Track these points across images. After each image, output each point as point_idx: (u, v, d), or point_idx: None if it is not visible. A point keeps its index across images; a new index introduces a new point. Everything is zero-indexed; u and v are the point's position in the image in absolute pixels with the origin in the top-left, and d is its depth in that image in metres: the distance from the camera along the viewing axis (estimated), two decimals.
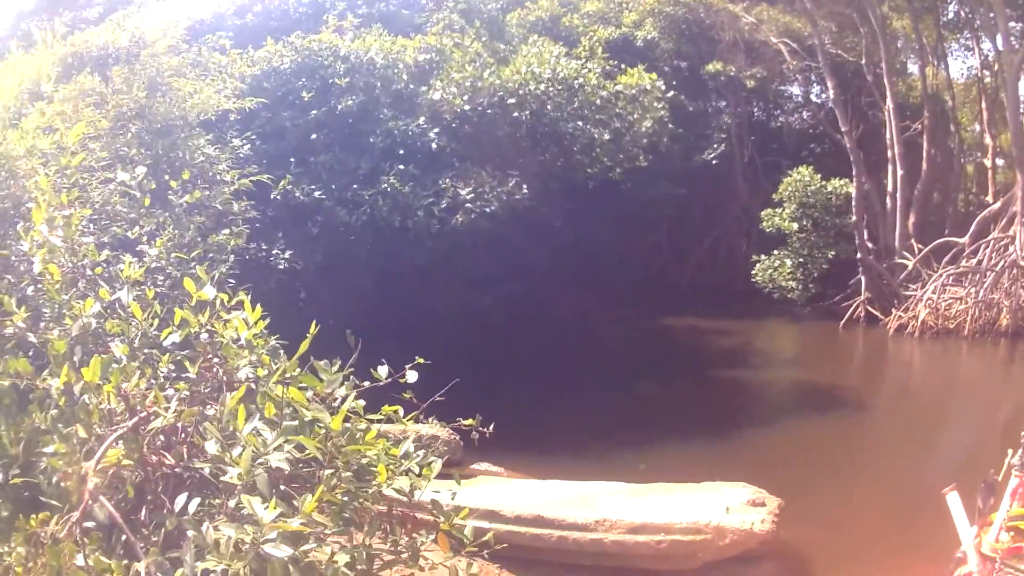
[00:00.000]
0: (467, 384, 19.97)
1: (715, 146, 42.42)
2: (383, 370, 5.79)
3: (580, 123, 23.21)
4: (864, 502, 14.01)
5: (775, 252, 35.55)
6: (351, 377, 5.52)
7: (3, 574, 5.02)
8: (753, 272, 36.03)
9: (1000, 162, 43.09)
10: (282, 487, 4.82)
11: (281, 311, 17.02)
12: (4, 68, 12.28)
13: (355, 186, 21.17)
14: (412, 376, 5.97)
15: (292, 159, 21.44)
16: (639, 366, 26.03)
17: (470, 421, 9.52)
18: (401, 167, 21.41)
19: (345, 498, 4.85)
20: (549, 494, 11.53)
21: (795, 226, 34.51)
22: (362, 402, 5.21)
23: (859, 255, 33.47)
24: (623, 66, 26.57)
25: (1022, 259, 30.23)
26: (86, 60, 18.58)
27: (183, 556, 4.18)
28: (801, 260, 34.54)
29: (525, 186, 21.39)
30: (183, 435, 5.36)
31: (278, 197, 19.90)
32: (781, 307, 35.63)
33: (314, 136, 21.96)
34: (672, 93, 38.26)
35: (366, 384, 5.65)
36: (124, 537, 4.57)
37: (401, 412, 6.22)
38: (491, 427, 9.49)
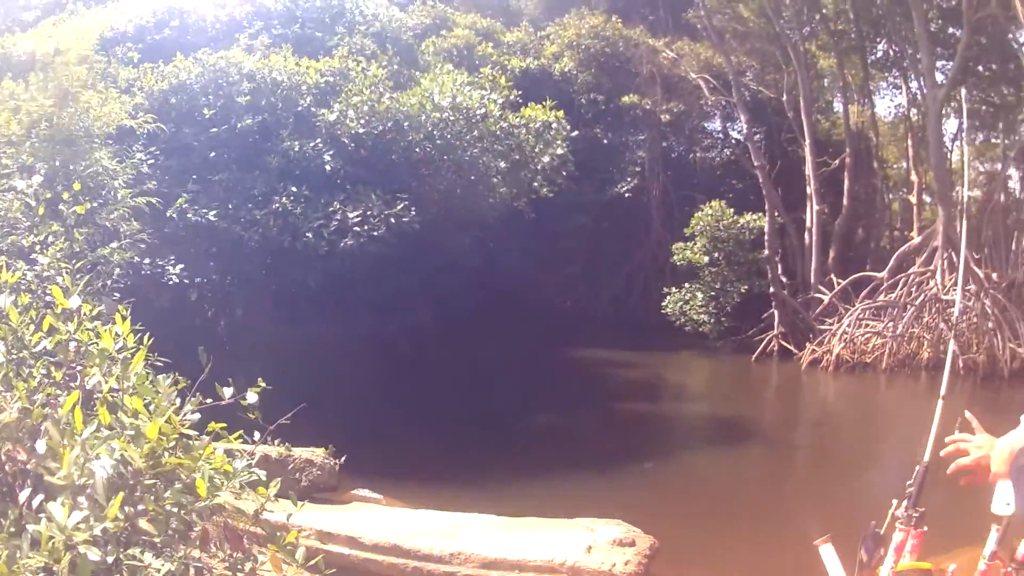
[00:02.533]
0: (361, 410, 20.35)
1: (629, 179, 43.14)
2: (227, 391, 6.18)
3: (477, 152, 23.46)
4: (749, 545, 14.02)
5: (686, 285, 36.04)
6: (197, 394, 5.93)
7: None
8: (663, 304, 36.45)
9: (927, 199, 43.97)
10: (122, 494, 5.17)
11: (183, 328, 17.38)
12: None
13: (250, 206, 21.51)
14: (252, 397, 6.27)
15: (194, 176, 21.53)
16: (542, 398, 26.31)
17: (322, 450, 9.93)
18: (294, 188, 21.84)
19: (174, 509, 5.22)
20: (417, 523, 11.53)
21: (706, 259, 34.94)
22: (197, 416, 5.57)
23: (772, 289, 34.18)
24: (529, 100, 26.91)
25: (943, 293, 31.02)
26: (13, 64, 18.98)
27: (20, 546, 4.58)
28: (713, 294, 35.01)
29: (414, 209, 21.40)
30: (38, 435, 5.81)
31: (174, 215, 20.20)
32: (695, 340, 35.79)
33: (213, 154, 22.06)
34: (587, 127, 39.20)
35: (209, 401, 6.06)
36: None
37: (255, 433, 6.70)
38: (343, 459, 9.89)
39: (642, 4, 48.63)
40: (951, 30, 41.67)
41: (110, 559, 4.35)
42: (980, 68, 44.42)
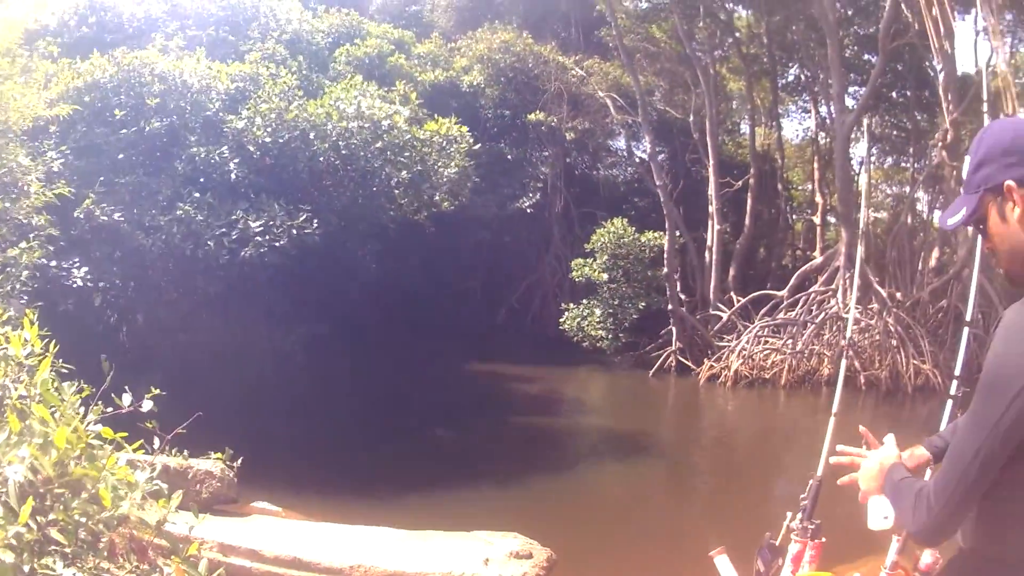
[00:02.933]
0: (259, 422, 20.36)
1: (531, 195, 43.38)
2: (126, 398, 6.31)
3: (380, 163, 23.26)
4: (647, 557, 14.22)
5: (584, 301, 36.23)
6: (99, 402, 6.06)
7: None
8: (561, 320, 37.00)
9: (832, 220, 44.99)
10: (35, 502, 5.34)
11: (86, 333, 17.14)
12: None
13: (154, 211, 21.29)
14: (148, 405, 6.38)
15: (101, 178, 21.01)
16: (440, 410, 26.34)
17: (218, 455, 10.08)
18: (198, 195, 21.62)
19: (83, 519, 5.36)
20: (317, 536, 10.98)
21: (605, 276, 35.08)
22: (99, 427, 5.66)
23: (670, 306, 34.73)
24: (437, 112, 26.86)
25: (845, 312, 31.83)
26: None
27: None
28: (611, 310, 35.15)
29: (316, 221, 21.11)
30: None
31: (81, 216, 20.10)
32: (592, 355, 36.40)
33: (122, 156, 21.89)
34: (492, 141, 39.35)
35: (110, 410, 6.18)
36: None
37: (155, 442, 6.77)
38: (239, 462, 10.03)
39: (555, 21, 49.04)
40: (866, 56, 42.83)
41: (26, 567, 4.60)
42: (894, 95, 45.78)
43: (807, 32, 41.63)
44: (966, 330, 6.53)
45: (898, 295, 35.55)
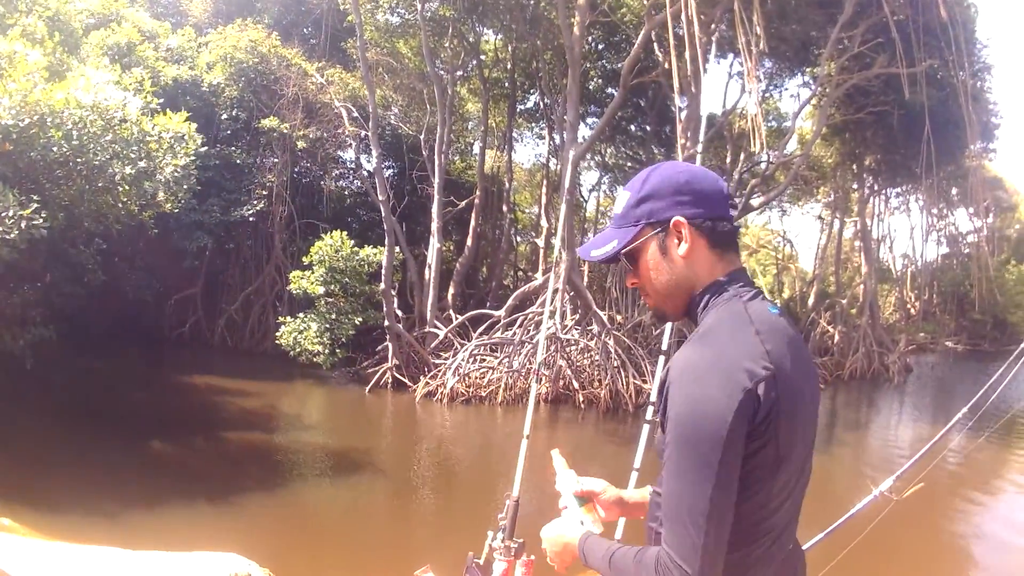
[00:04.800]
0: None
1: (256, 202, 42.56)
2: None
3: (108, 156, 22.82)
4: (361, 574, 14.53)
5: (300, 315, 35.64)
6: None
7: None
8: (278, 334, 35.87)
9: (557, 243, 46.19)
10: None
11: None
12: None
13: None
14: None
15: None
16: (159, 423, 25.64)
17: None
18: None
19: None
20: (55, 557, 11.25)
21: (322, 290, 34.72)
22: None
23: (387, 323, 35.32)
24: (174, 109, 26.59)
25: (561, 332, 33.22)
26: None
27: None
28: (328, 325, 34.68)
29: (44, 214, 20.68)
30: None
31: None
32: (309, 370, 36.40)
33: None
34: (223, 144, 39.81)
35: None
36: None
37: None
38: None
39: (308, 25, 49.52)
40: (610, 90, 44.87)
41: None
42: (633, 128, 47.65)
43: (553, 61, 43.57)
44: (661, 358, 7.34)
45: (619, 318, 36.99)
